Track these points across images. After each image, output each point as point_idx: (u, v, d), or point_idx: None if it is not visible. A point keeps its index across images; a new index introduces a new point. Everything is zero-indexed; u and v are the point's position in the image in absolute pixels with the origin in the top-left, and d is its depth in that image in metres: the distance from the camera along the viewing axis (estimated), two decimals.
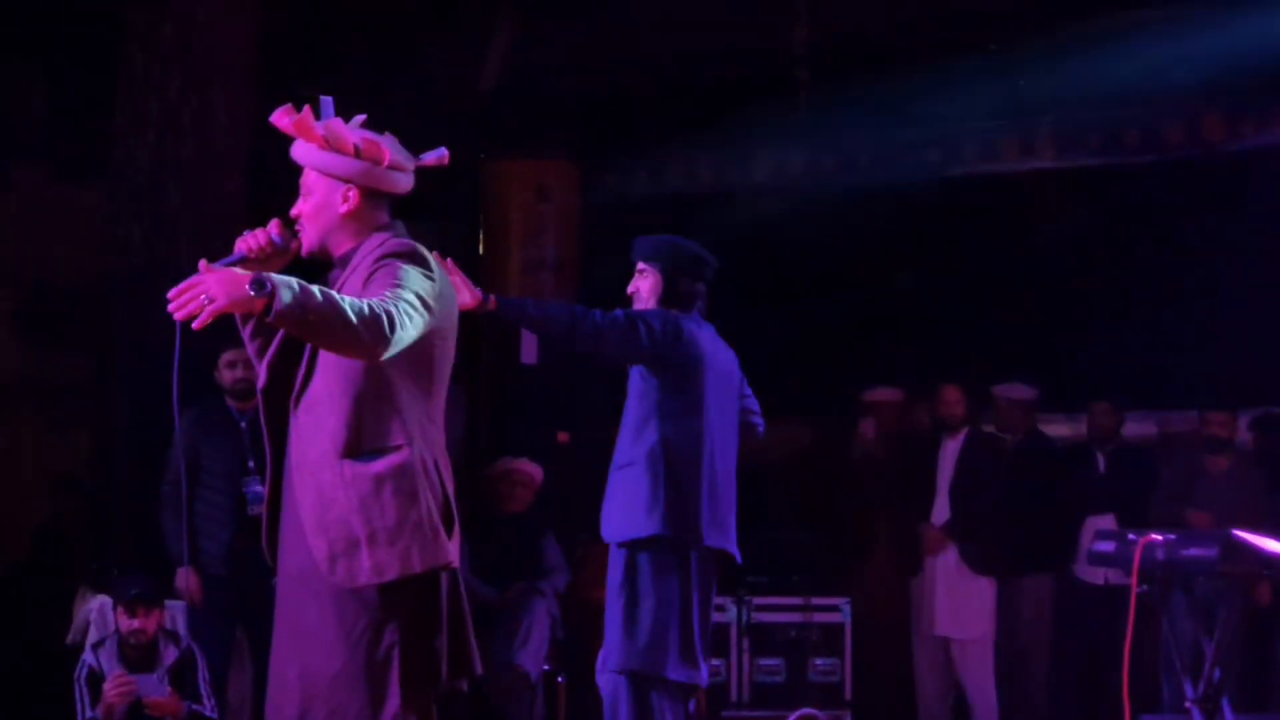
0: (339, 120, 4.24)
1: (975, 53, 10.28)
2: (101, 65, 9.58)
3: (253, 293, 3.73)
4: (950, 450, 9.19)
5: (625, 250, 6.32)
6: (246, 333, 4.34)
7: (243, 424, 7.73)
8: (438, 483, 4.19)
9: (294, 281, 3.80)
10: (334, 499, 4.12)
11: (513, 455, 8.99)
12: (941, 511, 9.13)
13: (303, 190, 4.30)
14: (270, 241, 4.20)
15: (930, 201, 10.84)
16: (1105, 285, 10.39)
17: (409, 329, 3.96)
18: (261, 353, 4.32)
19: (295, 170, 4.40)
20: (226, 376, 7.80)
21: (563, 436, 9.54)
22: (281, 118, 4.21)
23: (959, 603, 9.08)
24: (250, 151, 9.26)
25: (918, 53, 10.42)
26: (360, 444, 4.12)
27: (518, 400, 10.21)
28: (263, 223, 4.27)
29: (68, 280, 10.50)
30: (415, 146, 4.41)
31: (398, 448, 4.13)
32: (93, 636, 7.60)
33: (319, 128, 4.21)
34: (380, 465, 4.11)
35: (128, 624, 7.08)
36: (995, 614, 9.11)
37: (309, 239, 4.28)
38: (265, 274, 3.78)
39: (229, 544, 7.69)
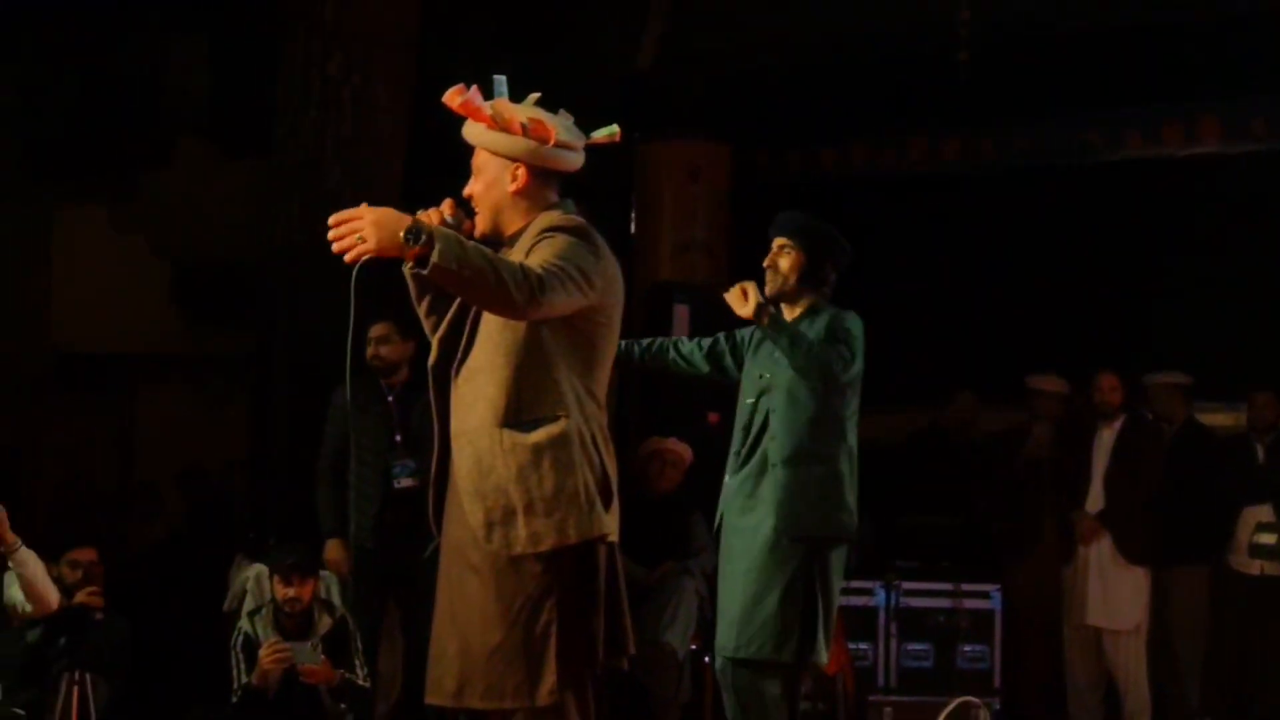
0: (505, 100, 4.26)
1: (1138, 34, 10.13)
2: (264, 43, 9.71)
3: (408, 240, 3.76)
4: (1106, 438, 9.07)
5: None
6: (422, 308, 4.36)
7: (390, 398, 7.80)
8: (595, 456, 4.20)
9: (450, 234, 3.84)
10: (492, 467, 4.13)
11: (662, 435, 9.01)
12: (1096, 499, 9.02)
13: (474, 170, 4.32)
14: (443, 220, 4.20)
15: (1090, 186, 10.69)
16: (1267, 273, 10.18)
17: (559, 294, 3.97)
18: (436, 328, 4.34)
19: (455, 150, 4.43)
20: (369, 352, 7.87)
21: (713, 417, 9.52)
22: (452, 97, 4.21)
23: (1111, 592, 8.95)
24: (410, 130, 9.36)
25: (1080, 34, 10.28)
26: (519, 413, 4.13)
27: (667, 380, 10.21)
28: (427, 201, 4.30)
29: (228, 255, 10.67)
30: (574, 125, 4.41)
31: (556, 418, 4.13)
32: (249, 605, 7.74)
33: (486, 107, 4.22)
34: (539, 435, 4.11)
35: (283, 592, 7.18)
36: (1149, 604, 8.99)
37: (481, 218, 4.29)
38: (422, 222, 3.81)
39: (377, 517, 7.76)
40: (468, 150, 4.36)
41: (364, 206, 3.83)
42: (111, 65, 10.66)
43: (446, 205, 4.25)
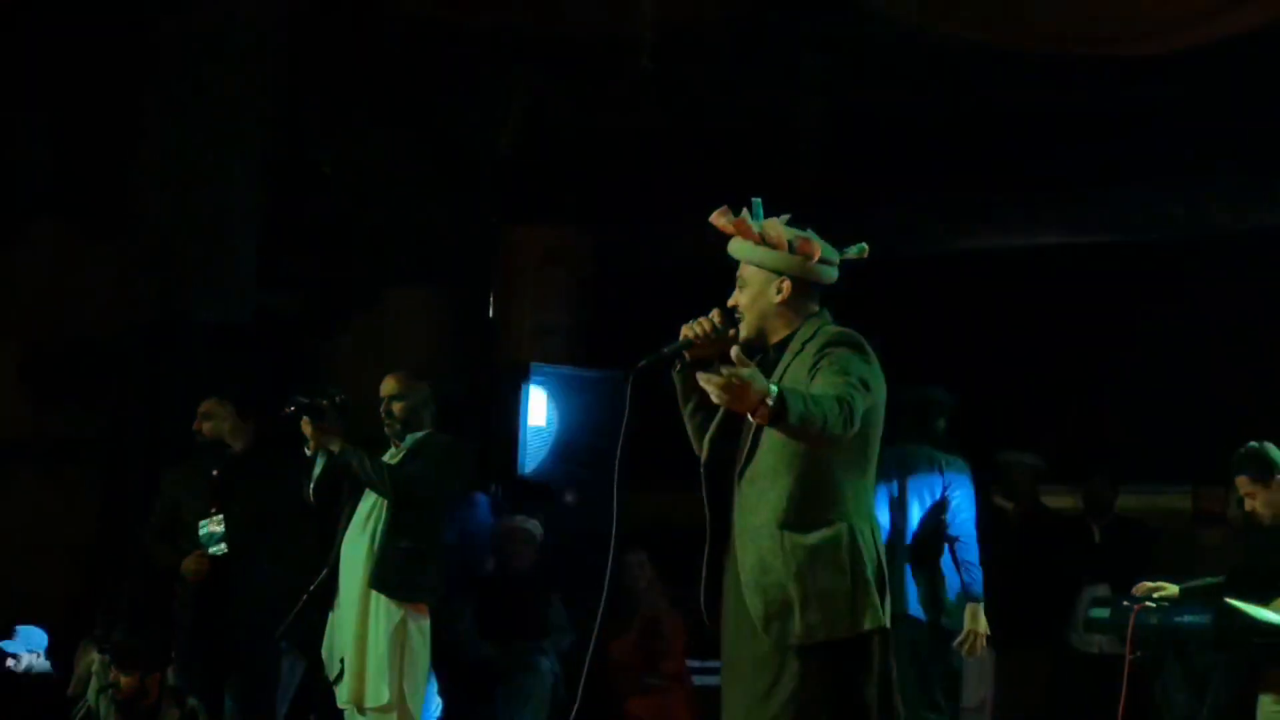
0: (775, 220, 4.61)
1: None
2: (117, 120, 9.70)
3: (769, 404, 4.03)
4: None
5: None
6: (687, 410, 4.69)
7: (215, 472, 7.78)
8: (873, 550, 4.51)
9: (799, 394, 4.14)
10: (772, 565, 4.45)
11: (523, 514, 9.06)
12: None
13: (739, 282, 4.65)
14: (713, 327, 4.53)
15: (931, 275, 10.93)
16: (1109, 357, 10.44)
17: (860, 412, 4.30)
18: (702, 429, 4.68)
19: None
20: (195, 425, 7.91)
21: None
22: (719, 218, 4.57)
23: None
24: (262, 208, 9.36)
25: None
26: (798, 517, 4.45)
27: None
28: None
29: (81, 335, 10.57)
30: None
31: (830, 523, 4.46)
32: (96, 684, 7.68)
33: (756, 225, 4.58)
34: (815, 537, 4.45)
35: (114, 676, 7.19)
36: (994, 683, 9.12)
37: (746, 326, 4.61)
38: (783, 391, 4.07)
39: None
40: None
41: (747, 370, 4.04)
42: None
43: (715, 314, 4.57)
